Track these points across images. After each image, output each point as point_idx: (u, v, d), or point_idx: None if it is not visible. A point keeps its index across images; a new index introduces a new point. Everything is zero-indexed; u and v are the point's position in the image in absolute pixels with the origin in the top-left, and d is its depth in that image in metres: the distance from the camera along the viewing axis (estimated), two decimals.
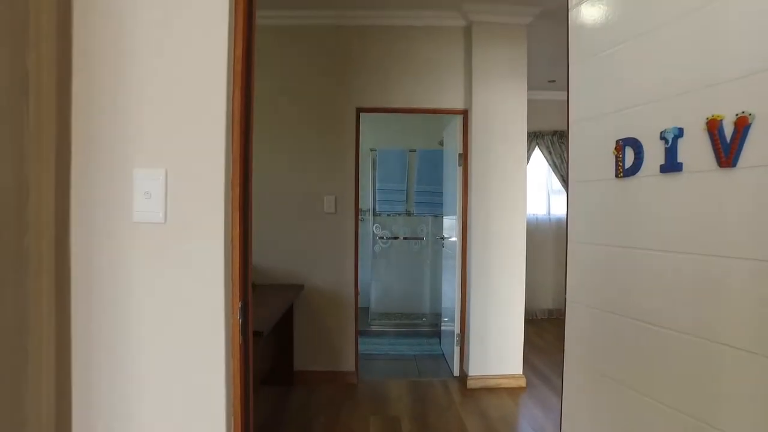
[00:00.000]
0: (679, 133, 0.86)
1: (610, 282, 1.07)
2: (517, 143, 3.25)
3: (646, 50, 0.95)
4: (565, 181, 5.38)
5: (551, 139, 5.36)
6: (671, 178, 0.89)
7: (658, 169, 0.92)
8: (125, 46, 0.99)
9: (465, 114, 3.37)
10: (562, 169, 5.38)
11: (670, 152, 0.88)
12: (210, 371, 1.00)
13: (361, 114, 3.35)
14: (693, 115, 0.83)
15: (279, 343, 3.20)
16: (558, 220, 5.50)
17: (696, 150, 0.83)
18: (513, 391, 3.21)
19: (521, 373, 3.29)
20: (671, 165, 0.89)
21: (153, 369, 1.00)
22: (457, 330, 3.46)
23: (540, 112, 4.88)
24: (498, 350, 3.26)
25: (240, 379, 1.06)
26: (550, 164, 5.39)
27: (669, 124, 0.87)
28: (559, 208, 5.51)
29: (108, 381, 1.00)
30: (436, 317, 5.00)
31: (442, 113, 3.44)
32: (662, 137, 0.89)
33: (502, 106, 3.24)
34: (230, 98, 1.03)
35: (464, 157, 3.39)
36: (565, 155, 5.59)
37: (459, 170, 3.43)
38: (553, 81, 5.05)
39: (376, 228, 4.84)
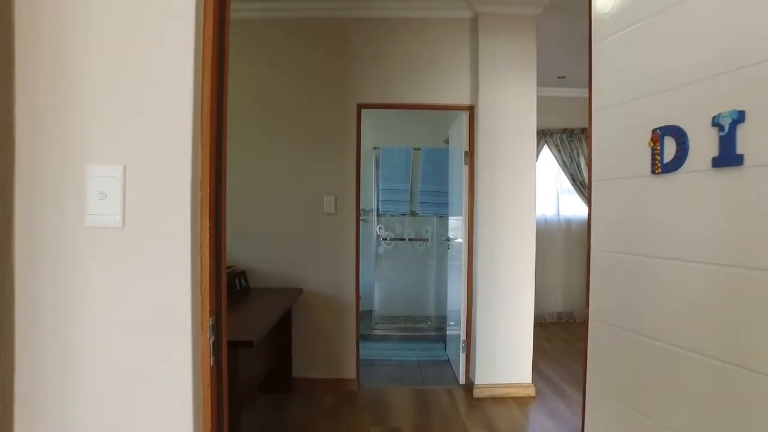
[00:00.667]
0: (740, 117, 0.70)
1: (642, 299, 0.91)
2: (527, 140, 3.09)
3: (693, 13, 0.78)
4: (574, 180, 5.21)
5: (560, 137, 5.18)
6: (727, 174, 0.72)
7: (709, 162, 0.75)
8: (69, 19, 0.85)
9: (471, 110, 3.21)
10: (571, 168, 5.21)
11: (727, 142, 0.72)
12: (176, 400, 0.86)
13: (362, 110, 3.20)
14: (759, 95, 0.67)
15: (277, 349, 3.06)
16: (567, 221, 5.32)
17: (763, 138, 0.66)
18: (522, 401, 3.05)
19: (530, 381, 3.13)
20: (728, 157, 0.72)
21: (106, 402, 0.85)
22: (462, 335, 3.31)
23: (549, 109, 4.70)
24: (506, 357, 3.10)
25: (212, 407, 0.92)
26: (559, 163, 5.21)
27: (725, 106, 0.71)
28: (568, 208, 5.34)
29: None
30: (442, 321, 4.85)
31: (447, 109, 3.29)
32: (715, 123, 0.73)
33: (511, 102, 3.08)
34: (199, 85, 0.88)
35: (470, 155, 3.23)
36: (575, 154, 5.43)
37: (465, 169, 3.28)
38: (563, 77, 4.88)
39: (379, 229, 4.69)
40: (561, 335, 4.67)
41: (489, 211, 3.07)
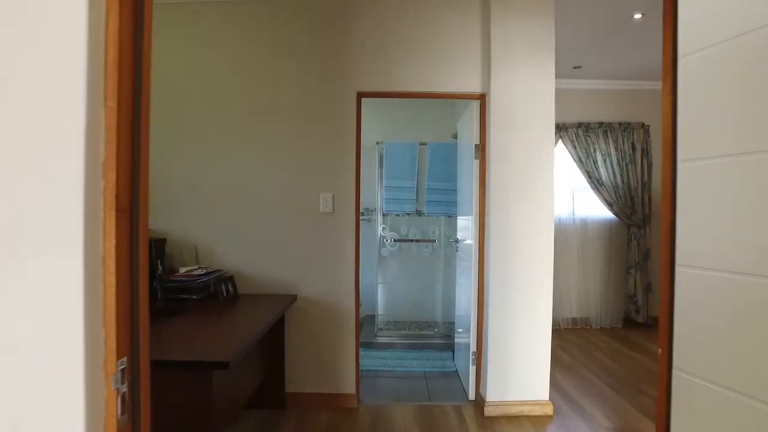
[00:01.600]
0: None
1: (762, 344, 0.62)
2: (544, 132, 2.79)
3: None
4: (590, 177, 4.89)
5: (576, 132, 4.87)
6: None
7: None
8: None
9: (482, 99, 2.92)
10: (587, 164, 4.89)
11: None
12: None
13: (362, 99, 2.92)
14: None
15: (267, 361, 2.80)
16: (582, 221, 5.00)
17: None
18: (538, 421, 2.76)
19: (548, 398, 2.83)
20: None
21: None
22: (472, 346, 3.02)
23: (564, 102, 4.38)
24: (521, 372, 2.81)
25: None
26: (574, 159, 4.90)
27: None
28: (583, 207, 5.02)
29: None
30: (449, 327, 4.56)
31: (456, 98, 2.99)
32: None
33: (527, 89, 2.78)
34: (97, 37, 0.61)
35: (482, 149, 2.94)
36: (591, 149, 5.10)
37: (476, 164, 2.99)
38: (579, 67, 4.57)
39: (382, 229, 4.41)
40: (577, 343, 4.35)
41: (502, 210, 2.78)
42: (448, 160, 4.18)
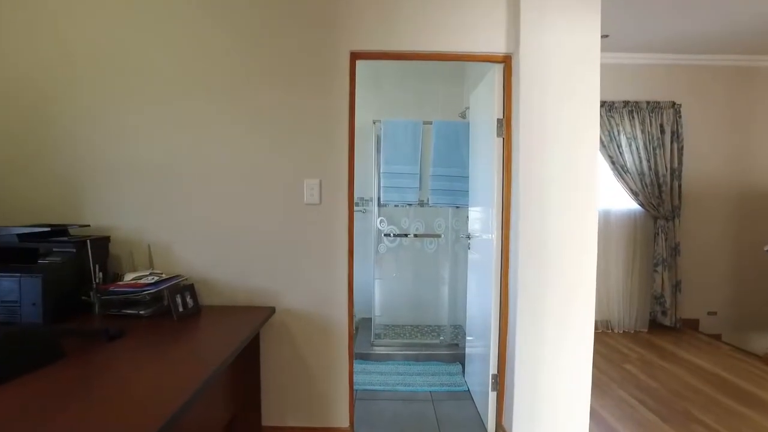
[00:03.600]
0: None
1: None
2: (587, 105, 2.22)
3: None
4: (614, 163, 4.34)
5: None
6: None
7: None
8: None
9: (507, 61, 2.34)
10: (610, 148, 4.33)
11: None
12: None
13: (357, 62, 2.33)
14: None
15: (239, 390, 2.23)
16: (604, 214, 4.44)
17: None
18: None
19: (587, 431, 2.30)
20: None
21: None
22: (492, 367, 2.47)
23: None
24: (556, 400, 2.26)
25: None
26: None
27: None
28: (605, 197, 4.45)
29: None
30: (457, 332, 4.02)
31: (473, 60, 2.39)
32: None
33: (565, 50, 2.20)
34: None
35: (506, 125, 2.36)
36: (615, 132, 4.50)
37: (497, 143, 2.41)
38: (606, 36, 3.97)
39: (380, 222, 3.83)
40: (601, 352, 3.83)
41: (534, 201, 2.21)
42: (457, 142, 3.60)
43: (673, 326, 4.42)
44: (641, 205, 4.41)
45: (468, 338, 3.31)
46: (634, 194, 4.38)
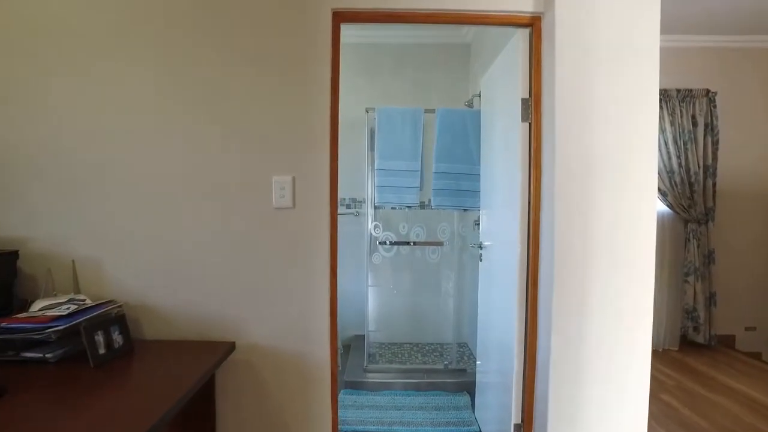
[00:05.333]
0: None
1: None
2: (645, 76, 1.69)
3: None
4: None
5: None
6: None
7: None
8: None
9: (536, 24, 1.81)
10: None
11: None
12: None
13: (342, 25, 1.80)
14: None
15: None
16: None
17: None
18: None
19: None
20: None
21: None
22: (515, 416, 1.94)
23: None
24: None
25: None
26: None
27: None
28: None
29: None
30: (462, 352, 3.50)
31: (488, 22, 1.85)
32: None
33: (614, 7, 1.68)
34: None
35: (534, 106, 1.83)
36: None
37: (522, 130, 1.89)
38: None
39: (375, 228, 3.30)
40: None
41: (575, 201, 1.68)
42: (464, 133, 3.07)
43: (707, 344, 3.90)
44: (670, 206, 3.90)
45: (478, 363, 2.79)
46: (662, 194, 3.87)
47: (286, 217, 1.76)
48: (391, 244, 3.25)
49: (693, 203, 3.87)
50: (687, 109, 3.83)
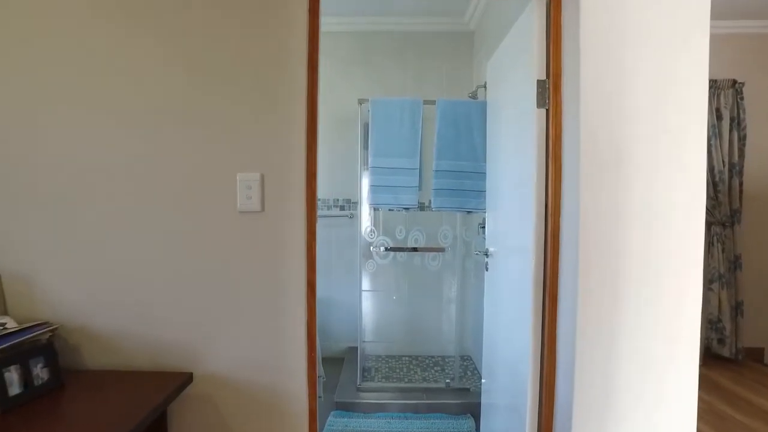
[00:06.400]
0: None
1: None
2: (692, 48, 1.38)
3: None
4: None
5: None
6: None
7: None
8: None
9: None
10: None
11: None
12: None
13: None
14: None
15: None
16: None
17: None
18: None
19: None
20: None
21: None
22: None
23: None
24: None
25: None
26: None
27: None
28: None
29: None
30: (466, 366, 3.20)
31: None
32: None
33: None
34: None
35: (552, 89, 1.53)
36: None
37: (538, 117, 1.58)
38: None
39: (369, 233, 2.99)
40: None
41: (604, 200, 1.37)
42: (468, 127, 2.77)
43: (732, 358, 3.58)
44: None
45: (483, 381, 2.48)
46: None
47: (254, 223, 1.46)
48: (387, 250, 2.94)
49: (717, 204, 3.55)
50: (711, 101, 3.51)
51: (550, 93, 1.53)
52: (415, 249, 2.97)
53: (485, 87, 2.70)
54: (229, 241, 1.46)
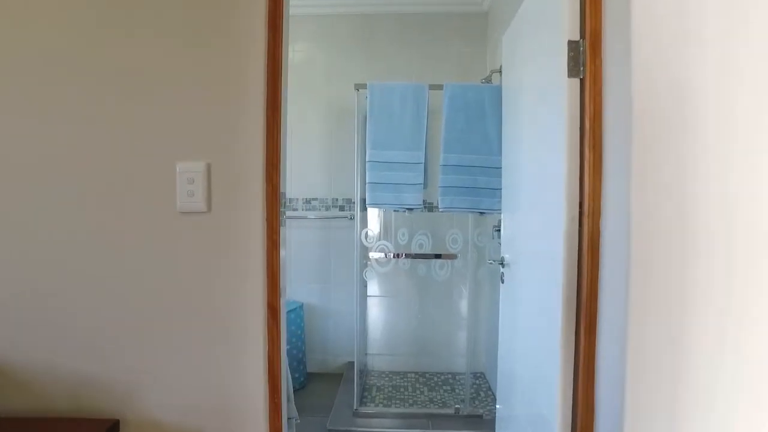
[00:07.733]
0: None
1: None
2: None
3: None
4: None
5: None
6: None
7: None
8: None
9: None
10: None
11: None
12: None
13: None
14: None
15: None
16: None
17: None
18: None
19: None
20: None
21: None
22: None
23: None
24: None
25: None
26: None
27: None
28: None
29: None
30: (479, 386, 2.84)
31: None
32: None
33: None
34: None
35: (589, 51, 1.16)
36: None
37: (569, 89, 1.22)
38: None
39: (366, 237, 2.64)
40: None
41: (664, 200, 1.00)
42: (481, 115, 2.40)
43: None
44: None
45: (498, 407, 2.13)
46: None
47: (197, 226, 1.13)
48: (388, 256, 2.59)
49: None
50: None
51: (586, 57, 1.17)
52: (418, 256, 2.61)
53: (500, 71, 2.34)
54: (165, 251, 1.13)
